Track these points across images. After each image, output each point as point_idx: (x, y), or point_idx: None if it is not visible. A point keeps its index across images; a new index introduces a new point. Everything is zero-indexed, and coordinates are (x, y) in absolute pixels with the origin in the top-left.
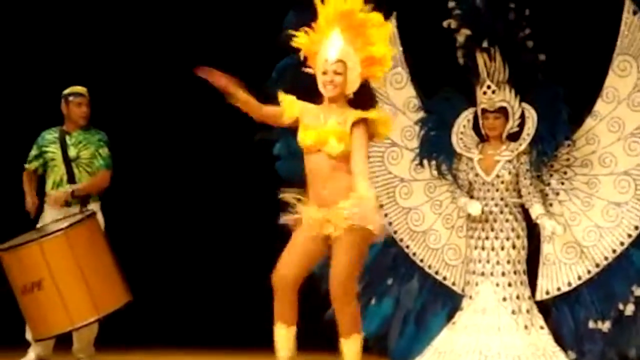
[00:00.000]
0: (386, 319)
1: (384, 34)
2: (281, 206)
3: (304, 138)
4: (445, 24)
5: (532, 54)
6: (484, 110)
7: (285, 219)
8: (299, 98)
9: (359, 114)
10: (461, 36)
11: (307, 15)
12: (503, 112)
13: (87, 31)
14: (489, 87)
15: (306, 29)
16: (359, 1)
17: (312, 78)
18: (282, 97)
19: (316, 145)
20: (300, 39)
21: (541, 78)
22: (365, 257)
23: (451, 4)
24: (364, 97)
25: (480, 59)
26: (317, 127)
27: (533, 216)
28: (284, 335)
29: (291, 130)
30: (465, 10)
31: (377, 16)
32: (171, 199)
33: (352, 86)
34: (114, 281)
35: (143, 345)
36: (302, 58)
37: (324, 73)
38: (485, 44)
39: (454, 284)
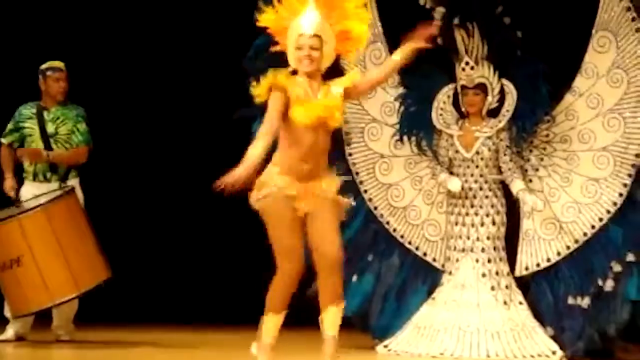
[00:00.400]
0: (367, 295)
1: (360, 10)
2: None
3: (307, 113)
4: (421, 1)
5: (510, 30)
6: (463, 87)
7: (255, 195)
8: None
9: (344, 82)
10: (437, 14)
11: None
12: (482, 88)
13: (65, 5)
14: (467, 63)
15: (275, 4)
16: None
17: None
18: (270, 79)
19: (320, 120)
20: (267, 16)
21: (520, 54)
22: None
23: None
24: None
25: (459, 35)
26: (312, 101)
27: (514, 191)
28: (275, 324)
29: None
30: None
31: None
32: (150, 175)
33: (328, 61)
34: (93, 257)
35: (123, 322)
36: (270, 35)
37: (299, 48)
38: (457, 21)
39: (434, 259)
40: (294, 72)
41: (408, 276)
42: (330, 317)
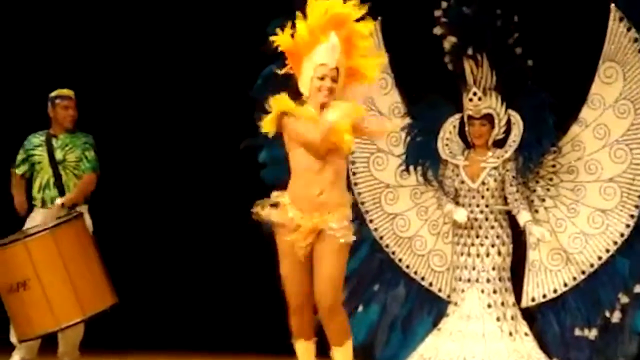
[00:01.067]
0: (373, 325)
1: (371, 48)
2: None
3: (318, 133)
4: (435, 31)
5: (520, 61)
6: (469, 117)
7: (266, 216)
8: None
9: (351, 113)
10: (448, 43)
11: (292, 23)
12: (489, 118)
13: (74, 34)
14: (475, 93)
15: (290, 29)
16: (354, 8)
17: (294, 81)
18: (278, 102)
19: (330, 143)
20: (283, 38)
21: (528, 85)
22: (346, 265)
23: (437, 13)
24: None
25: (467, 65)
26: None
27: (521, 223)
28: (304, 350)
29: (276, 138)
30: (452, 18)
31: (366, 27)
32: (159, 201)
33: (340, 94)
34: (100, 282)
35: (128, 349)
36: (280, 59)
37: (321, 78)
38: (470, 51)
39: (440, 290)
40: (296, 98)
41: (414, 306)
42: (339, 356)
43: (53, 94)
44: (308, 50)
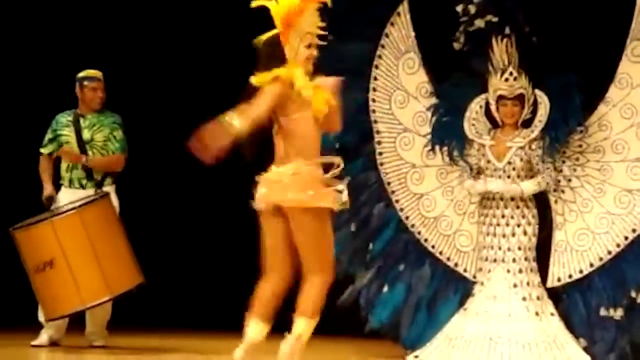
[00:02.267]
0: (398, 305)
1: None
2: None
3: (324, 100)
4: (459, 9)
5: (546, 41)
6: (501, 97)
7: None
8: None
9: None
10: (481, 22)
11: None
12: (520, 98)
13: (102, 15)
14: (511, 73)
15: None
16: None
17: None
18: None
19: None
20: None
21: (555, 64)
22: (327, 233)
23: None
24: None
25: (502, 45)
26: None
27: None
28: (260, 331)
29: None
30: None
31: None
32: (185, 182)
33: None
34: (126, 262)
35: (157, 328)
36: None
37: (310, 46)
38: (507, 30)
39: (465, 270)
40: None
41: (439, 287)
42: (301, 327)
43: (81, 74)
44: (296, 16)
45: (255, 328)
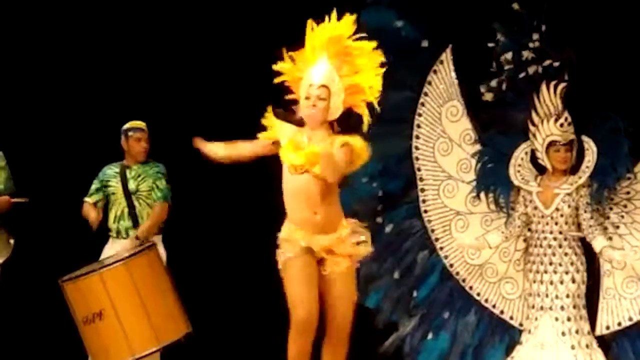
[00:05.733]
0: (443, 353)
1: (373, 63)
2: None
3: (294, 157)
4: (506, 57)
5: (593, 86)
6: (553, 142)
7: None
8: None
9: (346, 138)
10: (538, 68)
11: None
12: (571, 144)
13: (145, 68)
14: (566, 119)
15: (291, 54)
16: (349, 28)
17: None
18: (267, 119)
19: (304, 166)
20: (284, 65)
21: (602, 111)
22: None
23: (535, 36)
24: (348, 124)
25: (556, 90)
26: (303, 147)
27: (597, 249)
28: None
29: None
30: (547, 42)
31: (368, 44)
32: (232, 231)
33: (335, 113)
34: (174, 312)
35: None
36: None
37: (307, 98)
38: (566, 77)
39: (511, 317)
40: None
41: (485, 334)
42: None
43: (126, 126)
44: (304, 73)
45: None
